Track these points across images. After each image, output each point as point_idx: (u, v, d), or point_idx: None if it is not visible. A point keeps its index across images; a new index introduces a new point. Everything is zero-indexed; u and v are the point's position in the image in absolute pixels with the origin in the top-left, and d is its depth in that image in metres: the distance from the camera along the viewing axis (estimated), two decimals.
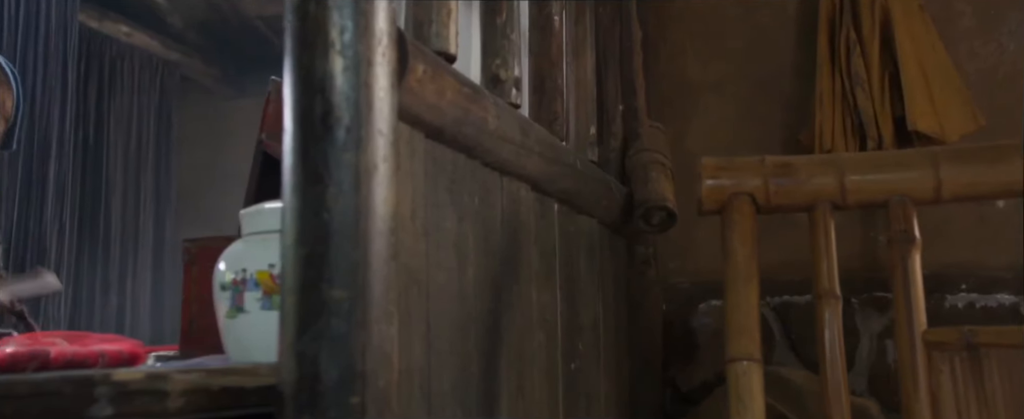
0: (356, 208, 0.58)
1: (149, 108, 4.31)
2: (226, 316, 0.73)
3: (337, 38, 0.59)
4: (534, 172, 0.98)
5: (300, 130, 0.59)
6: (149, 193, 4.28)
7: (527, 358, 0.97)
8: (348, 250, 0.58)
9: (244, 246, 0.74)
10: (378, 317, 0.59)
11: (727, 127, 1.65)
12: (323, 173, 0.58)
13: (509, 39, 0.93)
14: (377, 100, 0.60)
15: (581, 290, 1.20)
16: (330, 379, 0.57)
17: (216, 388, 0.59)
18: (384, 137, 0.61)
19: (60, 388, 0.57)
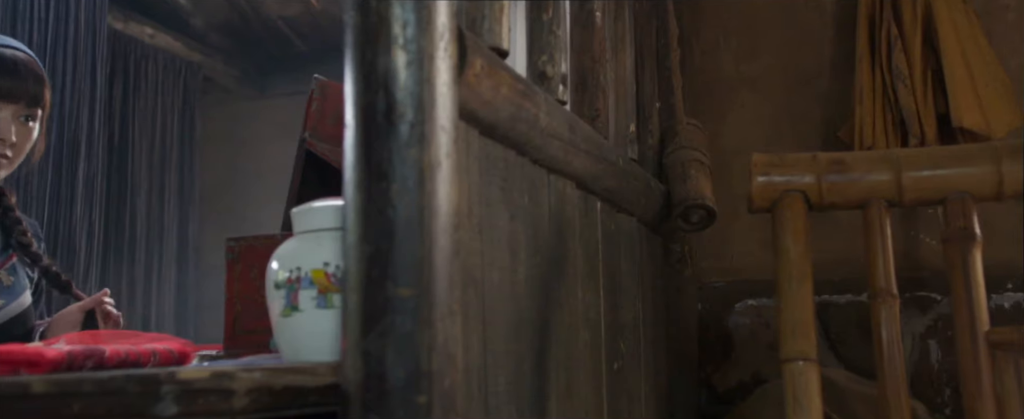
0: (420, 205, 0.58)
1: (172, 108, 4.34)
2: (280, 315, 0.72)
3: (400, 33, 0.59)
4: (580, 170, 0.97)
5: (363, 126, 0.59)
6: (173, 193, 4.31)
7: (574, 358, 0.96)
8: (413, 247, 0.57)
9: (298, 244, 0.73)
10: (442, 315, 0.58)
11: (763, 124, 1.63)
12: (387, 169, 0.58)
13: (556, 35, 0.92)
14: (439, 95, 0.60)
15: (622, 289, 1.19)
16: (396, 378, 0.56)
17: (279, 387, 0.59)
18: (447, 133, 0.60)
19: (125, 386, 0.57)
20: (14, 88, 1.24)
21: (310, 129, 1.00)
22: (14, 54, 1.27)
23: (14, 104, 1.25)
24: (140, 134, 4.10)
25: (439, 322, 0.58)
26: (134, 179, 4.02)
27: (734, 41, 1.66)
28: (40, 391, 0.58)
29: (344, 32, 0.61)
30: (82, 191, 2.94)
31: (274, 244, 1.02)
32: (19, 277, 1.30)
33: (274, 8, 4.43)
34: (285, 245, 0.75)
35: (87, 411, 0.58)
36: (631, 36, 1.30)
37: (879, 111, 1.39)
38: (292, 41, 4.69)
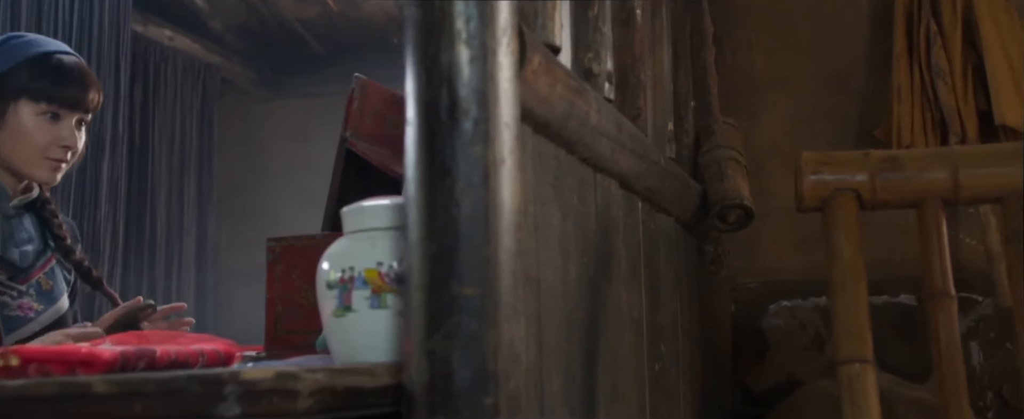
0: (485, 202, 0.57)
1: (191, 110, 4.36)
2: (332, 315, 0.71)
3: (463, 27, 0.58)
4: (624, 168, 0.96)
5: (425, 123, 0.58)
6: (192, 194, 4.33)
7: (620, 360, 0.94)
8: (478, 246, 0.56)
9: (349, 244, 0.72)
10: (508, 315, 0.57)
11: (796, 123, 1.62)
12: (451, 166, 0.57)
13: (601, 32, 0.91)
14: (503, 92, 0.59)
15: (661, 290, 1.17)
16: (463, 379, 0.55)
17: (341, 388, 0.58)
18: (510, 130, 0.59)
19: (187, 386, 0.56)
20: (82, 97, 1.25)
21: (351, 128, 0.99)
22: (78, 63, 1.28)
23: (79, 112, 1.26)
24: (160, 136, 4.12)
25: (504, 322, 0.57)
26: (154, 181, 4.04)
27: (765, 40, 1.64)
28: (102, 391, 0.57)
29: (404, 27, 0.60)
30: (106, 193, 2.96)
31: (315, 244, 1.01)
32: (57, 281, 1.31)
33: (291, 10, 4.44)
34: (336, 245, 0.74)
35: (149, 411, 0.57)
36: (668, 34, 1.29)
37: (918, 109, 1.37)
38: (308, 43, 4.70)
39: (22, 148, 1.23)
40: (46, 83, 1.22)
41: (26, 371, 0.67)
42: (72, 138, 1.25)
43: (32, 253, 1.29)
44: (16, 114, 1.23)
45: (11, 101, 1.23)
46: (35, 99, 1.22)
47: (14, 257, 1.26)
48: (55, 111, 1.23)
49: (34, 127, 1.23)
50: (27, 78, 1.22)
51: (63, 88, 1.23)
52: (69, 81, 1.24)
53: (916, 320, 1.46)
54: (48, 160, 1.24)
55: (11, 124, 1.23)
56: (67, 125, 1.25)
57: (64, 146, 1.24)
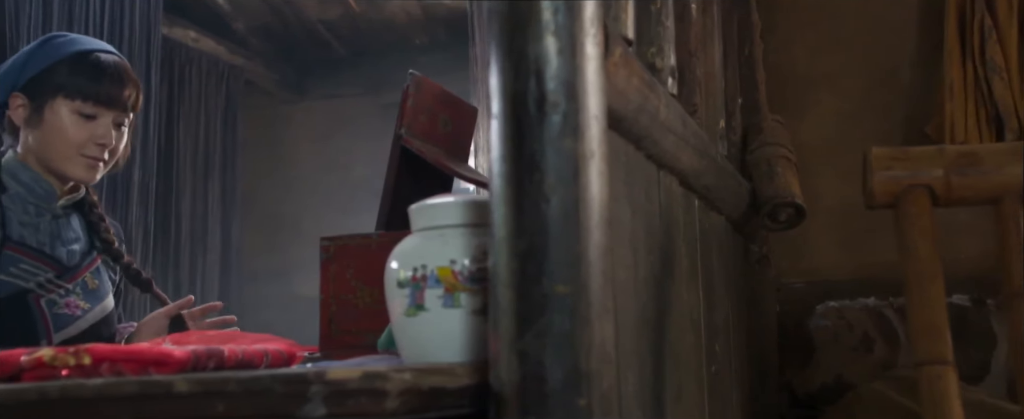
0: (575, 198, 0.55)
1: (215, 112, 4.37)
2: (403, 314, 0.70)
3: (551, 19, 0.56)
4: (686, 166, 0.94)
5: (512, 116, 0.56)
6: (216, 195, 4.34)
7: (682, 361, 0.93)
8: (570, 242, 0.55)
9: (420, 242, 0.71)
10: (599, 314, 0.55)
11: (842, 121, 1.59)
12: (540, 161, 0.55)
13: (664, 26, 0.89)
14: (590, 84, 0.57)
15: (716, 290, 1.15)
16: (555, 379, 0.53)
17: (426, 388, 0.56)
18: (598, 123, 0.57)
19: (271, 386, 0.55)
20: (118, 95, 1.25)
21: (406, 125, 0.98)
22: (118, 61, 1.28)
23: (115, 110, 1.26)
24: (185, 138, 4.14)
25: (596, 321, 0.55)
26: (179, 183, 4.05)
27: (810, 36, 1.62)
28: (184, 391, 0.56)
29: (488, 20, 0.58)
30: (137, 195, 2.97)
31: (370, 243, 1.00)
32: (103, 280, 1.31)
33: (314, 11, 4.44)
34: (405, 243, 0.72)
35: (231, 411, 0.56)
36: (719, 30, 1.27)
37: (972, 105, 1.34)
38: (331, 44, 4.71)
39: (59, 145, 1.23)
40: (83, 80, 1.22)
41: (98, 370, 0.66)
42: (108, 136, 1.25)
43: (79, 252, 1.29)
44: (53, 111, 1.23)
45: (49, 98, 1.23)
46: (71, 96, 1.22)
47: (62, 256, 1.26)
48: (91, 108, 1.23)
49: (71, 124, 1.23)
50: (65, 75, 1.23)
51: (99, 85, 1.23)
52: (106, 79, 1.23)
53: (969, 321, 1.43)
54: (84, 157, 1.24)
55: (49, 121, 1.23)
56: (104, 123, 1.24)
57: (100, 144, 1.24)
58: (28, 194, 1.24)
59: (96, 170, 1.26)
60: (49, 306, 1.21)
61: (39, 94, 1.23)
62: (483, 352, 0.68)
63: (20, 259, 1.21)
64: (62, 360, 0.66)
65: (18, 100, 1.25)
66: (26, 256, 1.21)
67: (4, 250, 1.19)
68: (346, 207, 4.78)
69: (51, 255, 1.24)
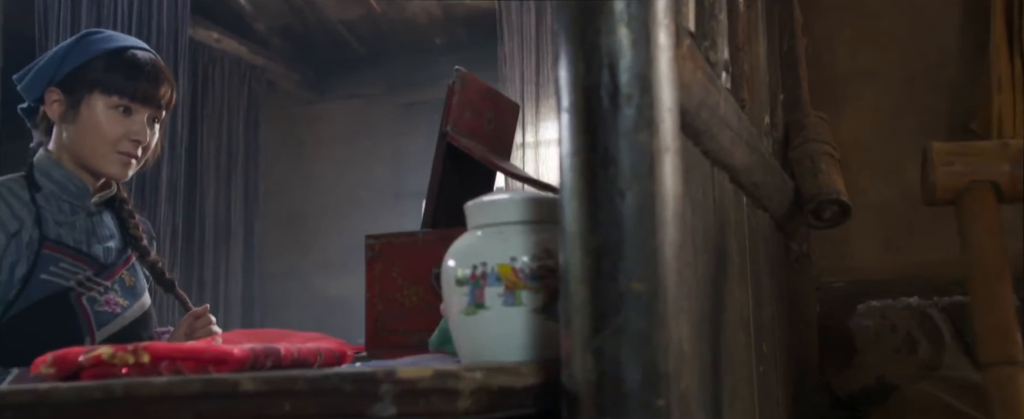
0: (651, 193, 0.54)
1: (238, 112, 4.40)
2: (463, 313, 0.69)
3: (624, 9, 0.55)
4: (738, 162, 0.92)
5: (584, 110, 0.55)
6: (238, 195, 4.36)
7: (735, 361, 0.91)
8: (646, 238, 0.53)
9: (479, 239, 0.70)
10: (675, 312, 0.54)
11: (884, 117, 1.56)
12: (615, 155, 0.54)
13: (718, 20, 0.87)
14: (664, 76, 0.56)
15: (763, 289, 1.13)
16: (633, 379, 0.52)
17: (495, 388, 0.55)
18: (673, 115, 0.56)
19: (340, 386, 0.54)
20: (154, 92, 1.25)
21: (451, 122, 0.97)
22: (153, 58, 1.28)
23: (150, 107, 1.26)
24: (208, 138, 4.16)
25: (672, 319, 0.54)
26: (202, 183, 4.08)
27: (849, 31, 1.59)
28: (250, 389, 0.55)
29: (558, 12, 0.57)
30: (165, 195, 2.98)
31: (416, 241, 0.99)
32: (139, 278, 1.31)
33: (334, 11, 4.45)
34: (463, 240, 0.71)
35: (298, 410, 0.55)
36: (763, 24, 1.25)
37: (1020, 100, 1.31)
38: (351, 44, 4.71)
39: (94, 141, 1.23)
40: (119, 76, 1.22)
41: (157, 368, 0.66)
42: (143, 132, 1.25)
43: (114, 250, 1.29)
44: (89, 107, 1.23)
45: (85, 94, 1.23)
46: (107, 92, 1.22)
47: (98, 253, 1.26)
48: (127, 105, 1.23)
49: (106, 120, 1.23)
50: (102, 71, 1.23)
51: (135, 82, 1.23)
52: (141, 75, 1.24)
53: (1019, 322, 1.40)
54: (119, 154, 1.24)
55: (84, 117, 1.23)
56: (138, 120, 1.25)
57: (135, 140, 1.24)
58: (62, 192, 1.24)
59: (129, 167, 1.26)
60: (90, 304, 1.21)
61: (75, 89, 1.23)
62: (545, 351, 0.67)
63: (59, 258, 1.21)
64: (121, 358, 0.66)
65: (54, 95, 1.25)
66: (65, 255, 1.21)
67: (42, 249, 1.19)
68: (366, 207, 4.79)
69: (88, 253, 1.24)
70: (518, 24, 2.52)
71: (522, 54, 2.51)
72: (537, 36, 2.46)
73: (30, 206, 1.22)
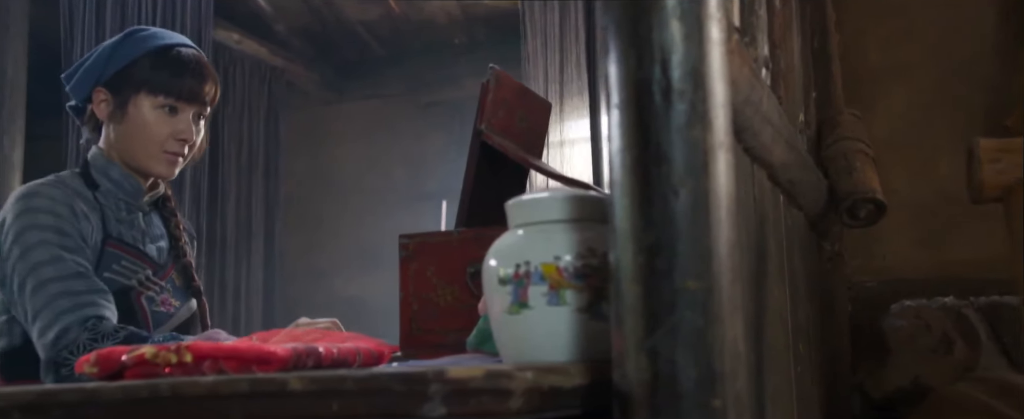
0: (705, 189, 0.53)
1: (258, 114, 4.41)
2: (506, 312, 0.68)
3: (676, 3, 0.54)
4: (776, 159, 0.91)
5: (635, 105, 0.54)
6: (259, 196, 4.38)
7: (776, 361, 0.90)
8: (700, 236, 0.52)
9: (522, 238, 0.69)
10: (730, 310, 0.53)
11: (916, 114, 1.54)
12: (668, 152, 0.53)
13: (758, 15, 0.86)
14: (717, 71, 0.55)
15: (797, 289, 1.12)
16: (688, 379, 0.51)
17: (546, 388, 0.54)
18: (726, 111, 0.55)
19: (389, 385, 0.54)
20: (199, 90, 1.24)
21: (486, 121, 0.96)
22: (198, 56, 1.27)
23: (196, 105, 1.25)
24: (229, 139, 4.17)
25: (728, 318, 0.53)
26: (224, 184, 4.10)
27: (880, 27, 1.57)
28: (298, 389, 0.55)
29: (606, 7, 0.56)
30: (189, 196, 3.00)
31: (450, 241, 0.99)
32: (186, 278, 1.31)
33: (353, 12, 4.46)
34: (504, 239, 0.71)
35: (347, 410, 0.55)
36: (797, 21, 1.23)
37: None
38: (370, 45, 4.72)
39: (141, 141, 1.23)
40: (165, 75, 1.22)
41: (200, 367, 0.66)
42: (189, 131, 1.25)
43: (165, 250, 1.30)
44: (136, 107, 1.23)
45: (132, 94, 1.23)
46: (154, 91, 1.22)
47: (152, 253, 1.26)
48: (173, 103, 1.23)
49: (153, 120, 1.22)
50: (148, 70, 1.22)
51: (182, 80, 1.23)
52: (187, 73, 1.23)
53: None
54: (166, 153, 1.24)
55: (131, 117, 1.23)
56: (184, 118, 1.24)
57: (181, 139, 1.24)
58: (118, 191, 1.24)
59: (176, 165, 1.26)
60: (148, 303, 1.21)
61: (122, 89, 1.23)
62: (589, 351, 0.66)
63: (121, 256, 1.21)
64: (164, 358, 0.66)
65: (102, 95, 1.25)
66: (126, 253, 1.21)
67: (106, 247, 1.19)
68: (386, 207, 4.80)
69: (144, 252, 1.24)
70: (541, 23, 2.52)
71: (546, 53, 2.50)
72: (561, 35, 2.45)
73: (94, 204, 1.21)
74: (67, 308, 1.09)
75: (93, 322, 1.09)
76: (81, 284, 1.11)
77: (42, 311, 1.10)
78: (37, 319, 1.10)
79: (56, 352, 1.08)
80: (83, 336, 1.07)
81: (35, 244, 1.12)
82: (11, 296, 1.14)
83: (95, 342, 1.06)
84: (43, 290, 1.10)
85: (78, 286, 1.11)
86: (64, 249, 1.12)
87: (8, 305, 1.17)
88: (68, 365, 1.06)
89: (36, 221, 1.13)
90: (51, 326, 1.09)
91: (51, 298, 1.10)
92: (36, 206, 1.15)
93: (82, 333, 1.07)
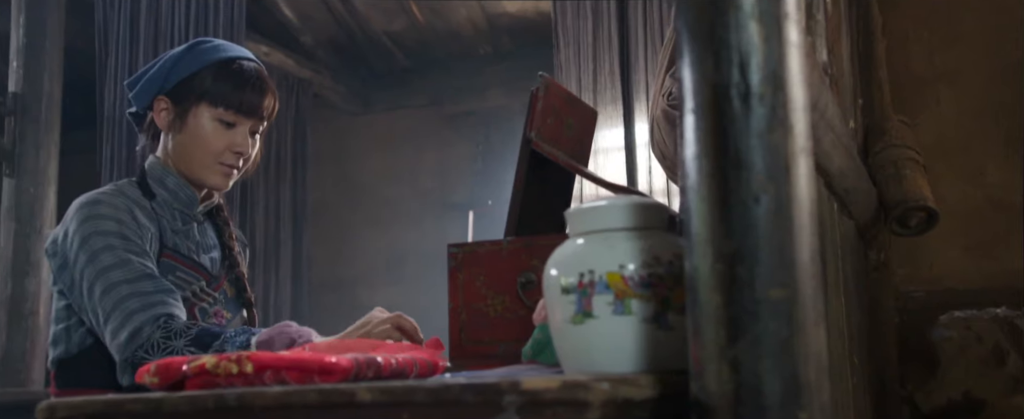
0: (788, 196, 0.51)
1: (286, 125, 4.44)
2: (570, 322, 0.67)
3: (754, 3, 0.53)
4: (835, 167, 0.89)
5: (712, 110, 0.53)
6: (287, 207, 4.40)
7: (834, 372, 0.87)
8: (783, 243, 0.51)
9: (584, 246, 0.68)
10: (815, 319, 0.51)
11: (963, 120, 1.51)
12: (748, 157, 0.52)
13: (816, 19, 0.84)
14: (796, 73, 0.53)
15: (849, 298, 1.10)
16: (773, 391, 0.49)
17: (620, 399, 0.53)
18: (806, 115, 0.54)
19: (461, 396, 0.52)
20: (258, 104, 1.25)
21: (536, 128, 0.95)
22: (258, 69, 1.27)
23: (253, 119, 1.26)
24: None
25: (813, 327, 0.51)
26: (252, 195, 4.12)
27: (926, 33, 1.54)
28: (367, 400, 0.54)
29: (680, 9, 0.55)
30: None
31: (500, 250, 0.98)
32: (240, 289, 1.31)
33: (379, 23, 4.48)
34: (565, 248, 0.69)
35: None
36: (847, 26, 1.21)
37: None
38: (395, 56, 4.75)
39: (198, 152, 1.23)
40: (227, 88, 1.22)
41: (261, 378, 0.65)
42: (245, 144, 1.25)
43: (218, 260, 1.30)
44: (196, 118, 1.23)
45: (193, 104, 1.23)
46: (214, 103, 1.22)
47: (206, 263, 1.26)
48: (232, 116, 1.23)
49: (211, 132, 1.23)
50: (209, 82, 1.23)
51: (242, 94, 1.23)
52: (247, 87, 1.23)
53: None
54: (221, 165, 1.24)
55: (190, 127, 1.23)
56: (241, 131, 1.24)
57: (237, 152, 1.24)
58: (174, 200, 1.25)
59: (230, 178, 1.26)
60: (202, 315, 1.21)
61: (183, 99, 1.24)
62: (655, 362, 0.64)
63: (177, 267, 1.21)
64: (225, 367, 0.65)
65: (163, 104, 1.25)
66: (182, 264, 1.22)
67: (162, 258, 1.19)
68: (412, 218, 4.81)
69: (199, 263, 1.24)
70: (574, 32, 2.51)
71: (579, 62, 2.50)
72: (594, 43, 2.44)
73: (152, 214, 1.22)
74: (137, 308, 1.09)
75: (164, 320, 1.09)
76: (150, 285, 1.12)
77: (113, 313, 1.10)
78: (109, 321, 1.11)
79: (131, 352, 1.08)
80: (157, 334, 1.07)
81: (101, 249, 1.13)
82: (81, 301, 1.15)
83: (169, 339, 1.06)
84: (113, 292, 1.11)
85: (147, 287, 1.11)
86: (130, 252, 1.13)
87: (68, 313, 1.18)
88: (144, 363, 1.05)
89: (99, 227, 1.14)
90: (123, 326, 1.09)
91: (121, 299, 1.10)
92: (99, 213, 1.15)
93: (155, 331, 1.07)
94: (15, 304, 2.89)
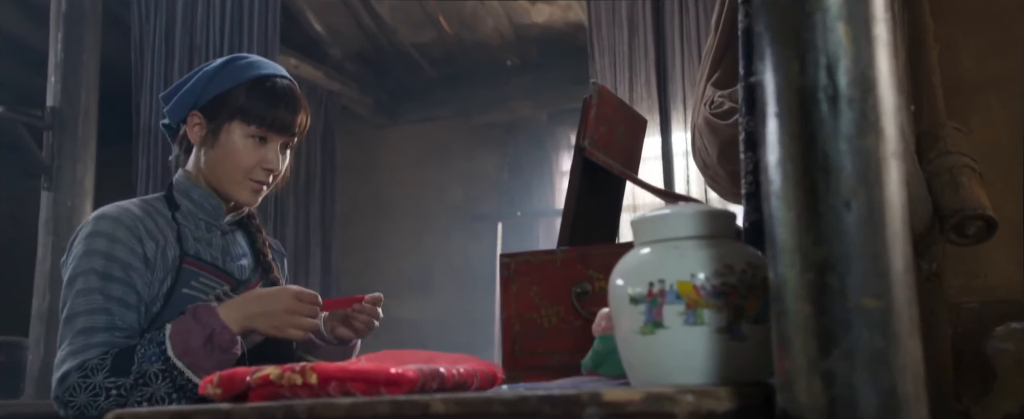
0: (880, 202, 0.50)
1: (315, 137, 4.47)
2: (639, 332, 0.65)
3: (841, 3, 0.51)
4: None
5: (798, 113, 0.51)
6: (316, 219, 4.43)
7: None
8: (876, 251, 0.49)
9: (653, 255, 0.66)
10: (911, 330, 0.49)
11: (1015, 127, 1.47)
12: (838, 162, 0.50)
13: None
14: (885, 75, 0.52)
15: None
16: (870, 404, 0.48)
17: (704, 412, 0.51)
18: (896, 119, 0.52)
19: (539, 408, 0.51)
20: (291, 122, 1.26)
21: (589, 137, 0.94)
22: (292, 87, 1.29)
23: (285, 136, 1.27)
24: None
25: (908, 338, 0.49)
26: (282, 207, 4.15)
27: (974, 38, 1.51)
28: (441, 411, 0.53)
29: (761, 10, 0.54)
30: None
31: (553, 260, 0.96)
32: None
33: (407, 35, 4.51)
34: (632, 257, 0.68)
35: None
36: (901, 30, 1.19)
37: None
38: (423, 68, 4.77)
39: (229, 168, 1.24)
40: (260, 105, 1.23)
41: (326, 389, 0.64)
42: (276, 161, 1.26)
43: (248, 267, 1.30)
44: (228, 134, 1.24)
45: (226, 120, 1.24)
46: (247, 120, 1.24)
47: (233, 270, 1.27)
48: (264, 133, 1.24)
49: (243, 148, 1.24)
50: (243, 98, 1.24)
51: (275, 111, 1.24)
52: (280, 104, 1.24)
53: None
54: (251, 181, 1.25)
55: (222, 143, 1.25)
56: (273, 148, 1.25)
57: (267, 169, 1.25)
58: (198, 210, 1.27)
59: (260, 194, 1.28)
60: None
61: (217, 115, 1.25)
62: (728, 373, 0.62)
63: (198, 273, 1.23)
64: (289, 379, 0.64)
65: (196, 118, 1.27)
66: (203, 270, 1.23)
67: (183, 265, 1.21)
68: (439, 229, 4.81)
69: (224, 269, 1.26)
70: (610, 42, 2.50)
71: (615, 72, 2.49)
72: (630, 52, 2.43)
73: (172, 224, 1.24)
74: (77, 349, 1.14)
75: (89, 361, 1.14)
76: (102, 320, 1.16)
77: (61, 345, 1.17)
78: (58, 351, 1.18)
79: (61, 391, 1.14)
80: (74, 377, 1.13)
81: (79, 273, 1.18)
82: None
83: (87, 378, 1.12)
84: (69, 324, 1.17)
85: (99, 322, 1.16)
86: (106, 277, 1.17)
87: None
88: (71, 406, 1.13)
89: (90, 246, 1.19)
90: (61, 364, 1.15)
91: (72, 334, 1.16)
92: (97, 230, 1.20)
93: (75, 374, 1.13)
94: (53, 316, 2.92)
